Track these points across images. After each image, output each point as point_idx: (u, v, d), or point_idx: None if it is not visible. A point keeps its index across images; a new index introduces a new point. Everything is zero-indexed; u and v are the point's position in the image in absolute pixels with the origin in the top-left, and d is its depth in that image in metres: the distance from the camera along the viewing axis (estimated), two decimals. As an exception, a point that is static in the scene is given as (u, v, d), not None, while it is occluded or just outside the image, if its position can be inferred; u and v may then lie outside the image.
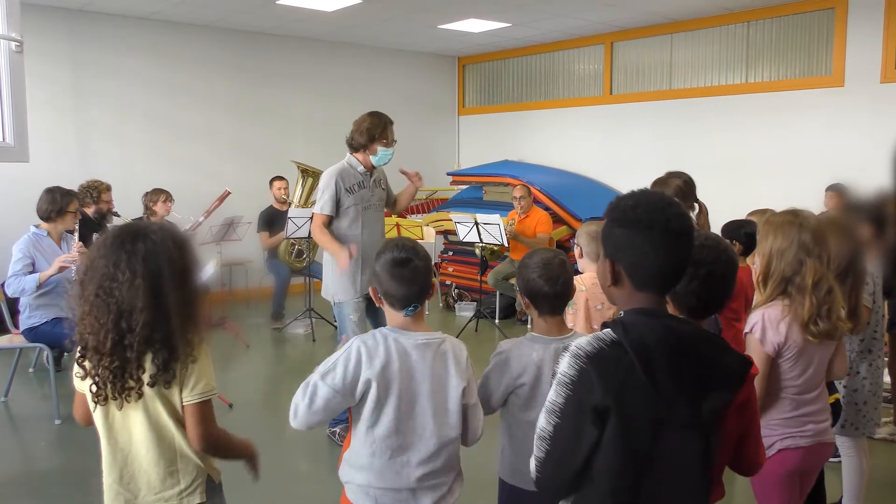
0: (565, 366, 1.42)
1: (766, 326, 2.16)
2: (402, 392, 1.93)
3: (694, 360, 1.41)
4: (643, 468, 1.41)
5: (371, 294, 2.07)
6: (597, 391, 1.37)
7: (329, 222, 3.98)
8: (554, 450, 1.43)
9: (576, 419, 1.40)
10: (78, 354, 1.78)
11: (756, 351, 2.18)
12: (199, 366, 1.80)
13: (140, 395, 1.76)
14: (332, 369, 1.93)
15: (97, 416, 1.83)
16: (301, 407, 1.91)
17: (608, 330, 1.43)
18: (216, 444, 1.87)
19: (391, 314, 2.02)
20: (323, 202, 3.96)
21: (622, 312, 1.47)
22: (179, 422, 1.83)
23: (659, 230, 1.41)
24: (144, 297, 1.70)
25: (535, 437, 1.46)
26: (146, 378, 1.75)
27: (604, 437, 1.39)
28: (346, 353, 1.94)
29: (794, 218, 2.22)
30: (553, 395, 1.43)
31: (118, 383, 1.74)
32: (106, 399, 1.76)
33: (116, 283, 1.71)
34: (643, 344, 1.38)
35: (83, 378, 1.79)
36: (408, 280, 1.95)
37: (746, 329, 2.23)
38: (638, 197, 1.47)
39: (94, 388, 1.76)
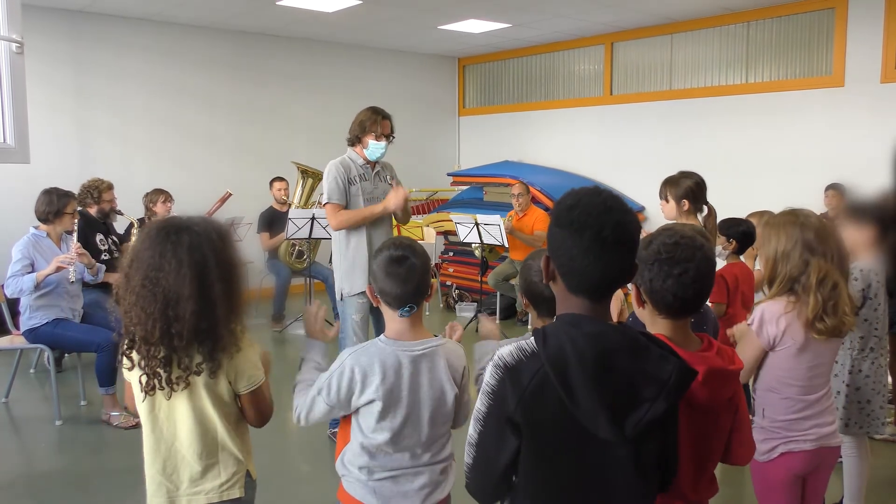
0: (488, 375, 1.41)
1: (764, 319, 2.22)
2: (401, 407, 1.93)
3: (618, 372, 1.34)
4: (566, 480, 1.40)
5: (368, 293, 2.06)
6: (510, 403, 1.36)
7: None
8: (479, 456, 1.43)
9: (496, 428, 1.39)
10: (125, 346, 1.80)
11: (751, 341, 2.25)
12: (243, 355, 1.84)
13: (187, 385, 1.79)
14: (328, 386, 1.96)
15: (142, 406, 1.85)
16: (302, 415, 2.02)
17: (532, 339, 1.39)
18: (269, 417, 1.97)
19: (389, 317, 2.00)
20: (329, 191, 3.89)
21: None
22: (223, 413, 1.85)
23: (590, 236, 1.35)
24: (191, 285, 1.73)
25: (466, 443, 1.47)
26: (194, 367, 1.78)
27: (520, 448, 1.38)
28: (339, 370, 1.95)
29: (794, 218, 2.25)
30: (478, 403, 1.43)
31: (167, 373, 1.77)
32: (155, 389, 1.78)
33: (163, 272, 1.73)
34: (561, 356, 1.33)
35: (130, 369, 1.82)
36: (403, 278, 1.92)
37: (748, 321, 2.28)
38: (578, 197, 1.40)
39: (145, 379, 1.78)
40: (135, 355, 1.79)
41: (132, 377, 1.84)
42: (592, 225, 1.36)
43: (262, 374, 1.89)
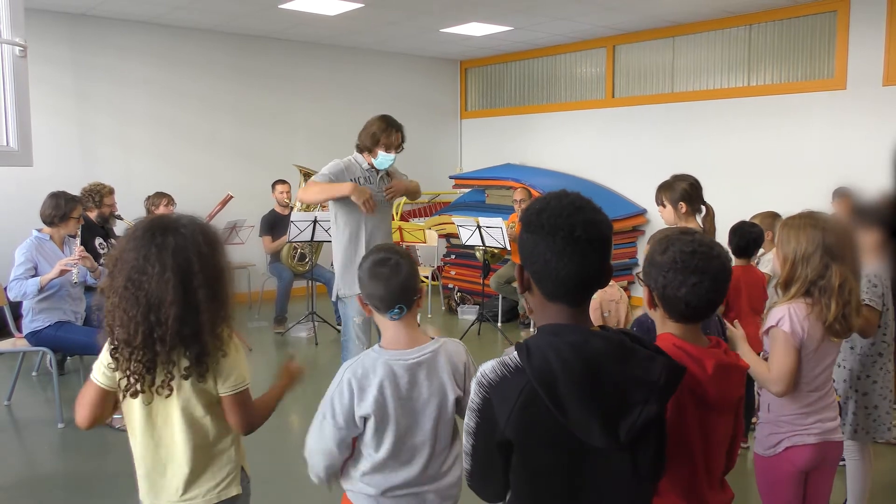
0: (472, 393, 1.40)
1: (793, 320, 2.21)
2: (400, 418, 1.89)
3: (606, 379, 1.31)
4: (564, 492, 1.38)
5: (358, 302, 2.03)
6: (499, 422, 1.34)
7: None
8: (476, 465, 1.43)
9: (488, 443, 1.39)
10: (111, 346, 1.77)
11: (785, 342, 2.21)
12: (229, 360, 1.81)
13: (171, 390, 1.76)
14: (331, 407, 1.92)
15: (133, 408, 1.83)
16: (315, 451, 1.92)
17: (515, 354, 1.36)
18: (257, 425, 1.93)
19: (383, 325, 1.97)
20: (321, 173, 3.94)
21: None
22: (214, 415, 1.84)
23: (561, 238, 1.33)
24: (174, 291, 1.70)
25: (462, 451, 1.47)
26: (178, 372, 1.75)
27: (513, 462, 1.37)
28: (338, 388, 1.92)
29: (815, 221, 2.25)
30: (467, 418, 1.42)
31: (149, 377, 1.75)
32: (136, 393, 1.76)
33: (146, 276, 1.70)
34: (547, 368, 1.29)
35: (115, 370, 1.78)
36: (386, 277, 1.89)
37: (771, 323, 2.25)
38: (546, 201, 1.38)
39: (125, 382, 1.75)
40: (119, 356, 1.77)
41: (110, 379, 1.82)
42: (563, 226, 1.33)
43: (246, 380, 1.86)
